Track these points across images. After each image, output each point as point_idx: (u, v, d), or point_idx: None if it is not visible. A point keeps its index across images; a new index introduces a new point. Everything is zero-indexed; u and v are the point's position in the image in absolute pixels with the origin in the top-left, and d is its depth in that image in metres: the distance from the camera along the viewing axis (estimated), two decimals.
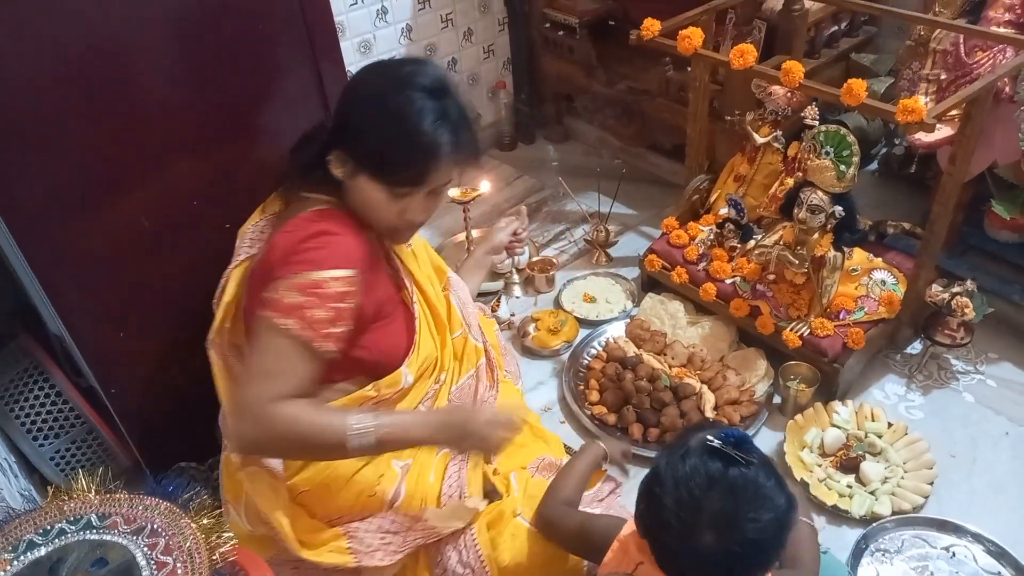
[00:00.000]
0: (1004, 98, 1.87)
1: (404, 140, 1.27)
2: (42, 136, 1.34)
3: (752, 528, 0.98)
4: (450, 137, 1.28)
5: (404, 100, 1.27)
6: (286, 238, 1.29)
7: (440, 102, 1.29)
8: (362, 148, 1.29)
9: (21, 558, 0.83)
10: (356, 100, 1.33)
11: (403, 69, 1.32)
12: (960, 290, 1.91)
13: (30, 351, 1.76)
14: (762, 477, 1.00)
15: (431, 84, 1.29)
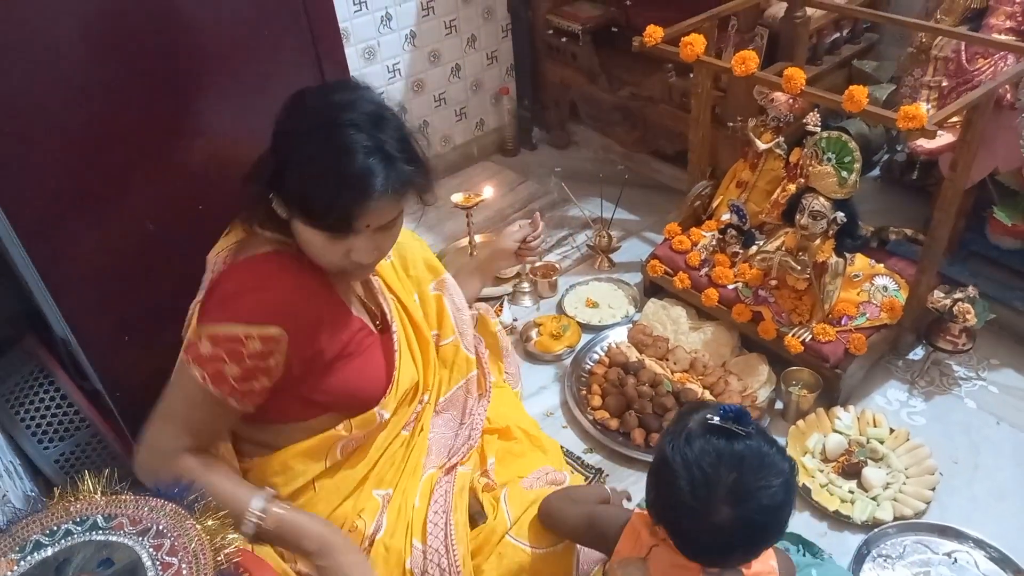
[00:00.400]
0: (1005, 105, 1.88)
1: (330, 181, 1.15)
2: (47, 139, 1.35)
3: (766, 494, 1.02)
4: (385, 172, 1.16)
5: (328, 136, 1.15)
6: (224, 281, 1.25)
7: (372, 134, 1.16)
8: (290, 191, 1.19)
9: (28, 558, 0.83)
10: (280, 138, 1.22)
11: (330, 99, 1.20)
12: (962, 296, 1.91)
13: (35, 354, 1.77)
14: (764, 445, 1.05)
15: (361, 115, 1.17)
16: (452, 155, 3.08)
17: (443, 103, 2.95)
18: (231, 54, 1.49)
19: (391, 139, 1.18)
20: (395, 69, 2.73)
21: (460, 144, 3.10)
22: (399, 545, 1.37)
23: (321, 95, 1.23)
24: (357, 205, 1.16)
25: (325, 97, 1.22)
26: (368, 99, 1.22)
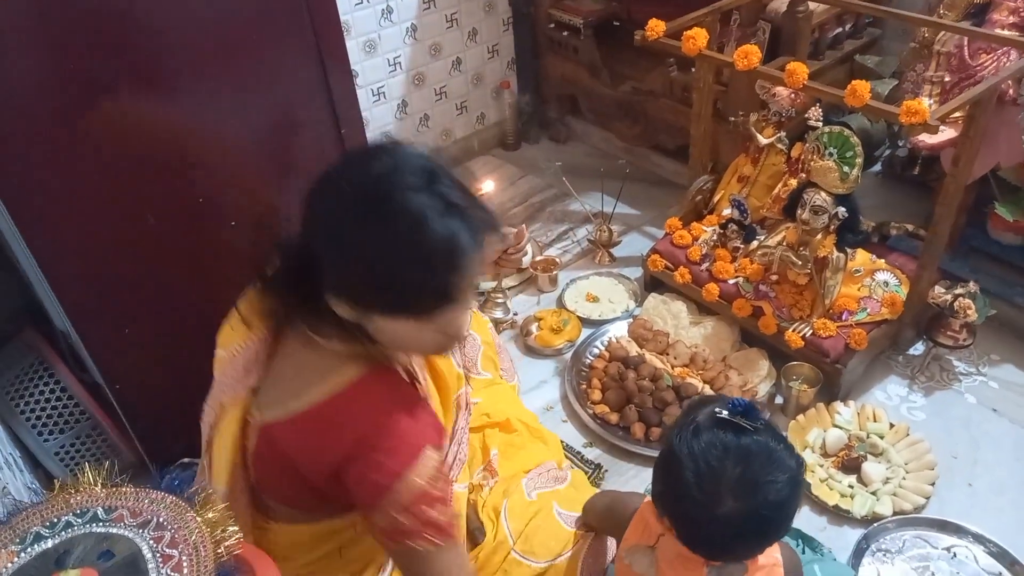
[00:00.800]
0: (1008, 100, 1.87)
1: (412, 259, 0.99)
2: (48, 133, 1.35)
3: (772, 489, 1.02)
4: (465, 227, 1.01)
5: (388, 211, 0.98)
6: (358, 445, 1.07)
7: (433, 191, 1.00)
8: (359, 286, 1.03)
9: (28, 550, 0.83)
10: (322, 230, 1.03)
11: (369, 170, 1.02)
12: (963, 292, 1.91)
13: (36, 347, 1.77)
14: (772, 441, 1.05)
15: (411, 176, 1.00)
16: (452, 149, 3.08)
17: (444, 97, 2.94)
18: (232, 47, 1.49)
19: (451, 189, 1.02)
20: (396, 62, 2.72)
21: (461, 138, 3.09)
22: None
23: (356, 169, 1.05)
24: (451, 273, 1.00)
25: (362, 169, 1.03)
26: (408, 154, 1.05)
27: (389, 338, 1.09)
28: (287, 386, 1.13)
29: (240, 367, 1.18)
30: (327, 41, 1.62)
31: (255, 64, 1.54)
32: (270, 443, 1.15)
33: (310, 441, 1.10)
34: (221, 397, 1.20)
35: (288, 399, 1.11)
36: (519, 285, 2.46)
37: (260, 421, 1.15)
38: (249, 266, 1.16)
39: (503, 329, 2.26)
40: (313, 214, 1.04)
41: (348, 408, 1.09)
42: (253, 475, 1.23)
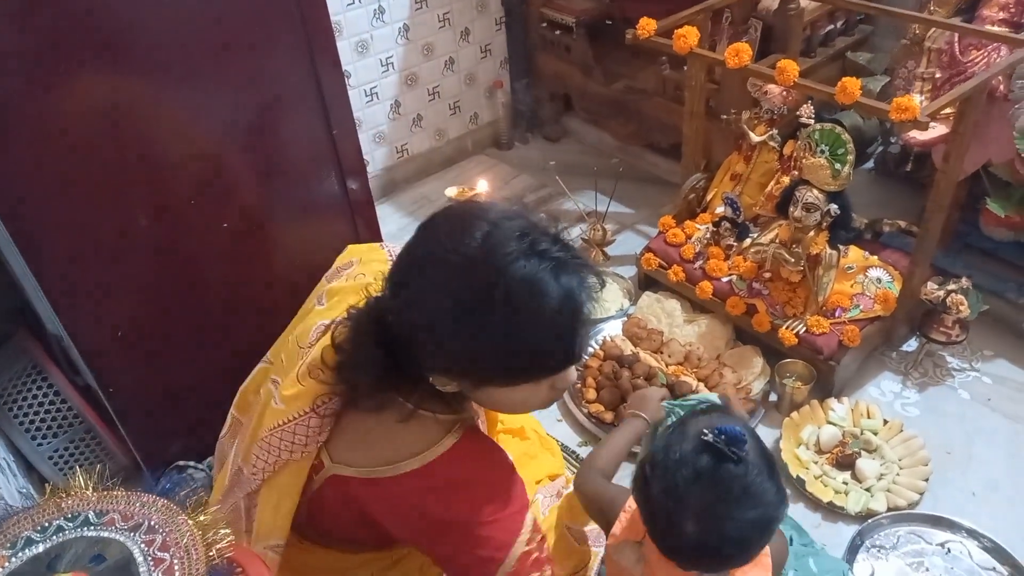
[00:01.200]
0: (998, 96, 1.87)
1: (541, 332, 0.95)
2: (39, 136, 1.34)
3: (733, 526, 0.98)
4: (577, 282, 0.98)
5: (510, 290, 0.93)
6: (461, 515, 1.06)
7: (539, 251, 0.95)
8: (484, 370, 0.99)
9: (19, 555, 0.83)
10: (440, 322, 0.95)
11: (471, 248, 0.94)
12: (955, 288, 1.92)
13: (28, 350, 1.77)
14: (752, 475, 0.99)
15: (517, 240, 0.95)
16: (446, 149, 3.08)
17: (437, 97, 2.94)
18: (223, 48, 1.49)
19: (551, 244, 0.98)
20: (388, 63, 2.72)
21: (454, 138, 3.09)
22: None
23: (453, 249, 0.96)
24: (576, 331, 0.98)
25: (461, 248, 0.95)
26: (502, 218, 0.98)
27: (498, 404, 1.08)
28: (374, 448, 1.09)
29: (315, 428, 1.12)
30: (318, 42, 1.62)
31: (246, 65, 1.54)
32: (344, 493, 1.13)
33: (404, 503, 1.08)
34: (285, 456, 1.14)
35: (375, 462, 1.08)
36: None
37: (332, 471, 1.12)
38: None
39: None
40: (411, 300, 0.97)
41: (449, 476, 1.06)
42: (308, 518, 1.21)
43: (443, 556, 1.13)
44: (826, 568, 1.51)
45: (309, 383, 1.12)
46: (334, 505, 1.17)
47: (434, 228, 1.00)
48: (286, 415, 1.13)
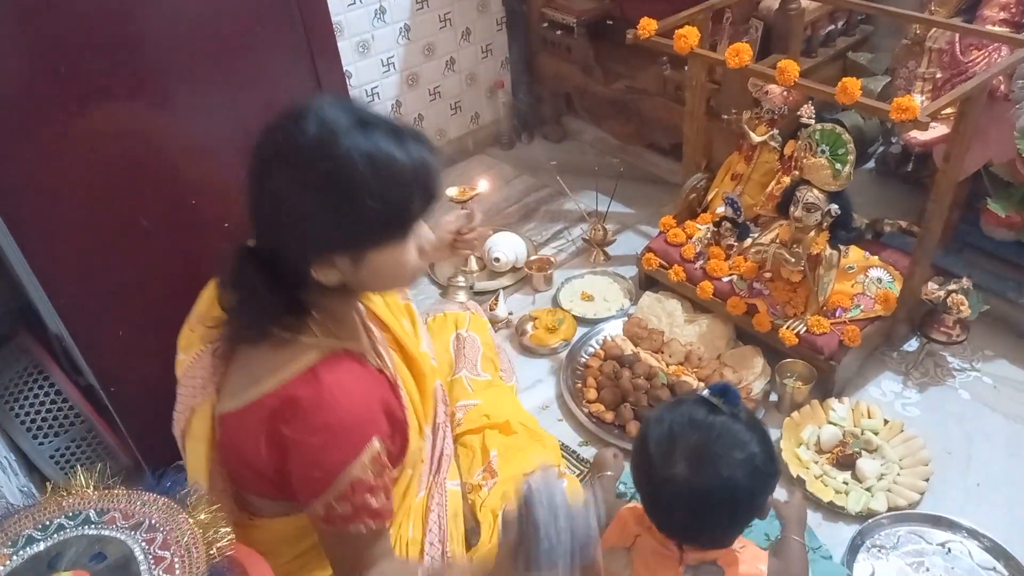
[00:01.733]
0: (999, 96, 1.87)
1: (395, 180, 1.03)
2: (40, 135, 1.35)
3: (723, 464, 1.05)
4: (413, 136, 1.08)
5: (360, 150, 1.01)
6: (300, 436, 1.09)
7: (368, 122, 1.04)
8: (361, 231, 1.06)
9: (20, 553, 0.83)
10: (312, 200, 1.03)
11: (308, 132, 1.02)
12: (956, 288, 1.92)
13: (30, 350, 1.77)
14: (744, 427, 1.09)
15: (350, 117, 1.03)
16: (447, 149, 3.08)
17: (438, 97, 2.95)
18: (224, 49, 1.49)
19: (384, 121, 1.08)
20: (389, 63, 2.72)
21: (455, 138, 3.10)
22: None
23: (295, 131, 1.04)
24: (430, 171, 1.07)
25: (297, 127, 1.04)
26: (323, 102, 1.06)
27: (379, 277, 1.11)
28: (246, 375, 1.14)
29: (208, 366, 1.20)
30: (319, 42, 1.62)
31: (246, 65, 1.54)
32: (230, 433, 1.18)
33: (253, 430, 1.12)
34: (191, 401, 1.23)
35: (246, 388, 1.13)
36: (514, 285, 2.46)
37: (219, 412, 1.18)
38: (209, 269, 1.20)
39: (499, 329, 2.26)
40: (273, 206, 1.05)
41: (297, 396, 1.09)
42: (226, 467, 1.25)
43: (290, 472, 1.13)
44: (824, 573, 1.51)
45: (199, 328, 1.23)
46: (231, 449, 1.20)
47: (269, 139, 1.06)
48: (186, 361, 1.24)
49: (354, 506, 1.10)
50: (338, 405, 1.10)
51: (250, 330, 1.13)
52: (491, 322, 2.19)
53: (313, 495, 1.10)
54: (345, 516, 1.10)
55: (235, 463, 1.22)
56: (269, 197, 1.05)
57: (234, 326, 1.16)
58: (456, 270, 2.45)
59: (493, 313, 2.26)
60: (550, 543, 0.96)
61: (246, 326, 1.13)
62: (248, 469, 1.19)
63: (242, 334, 1.15)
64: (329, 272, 1.08)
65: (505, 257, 2.45)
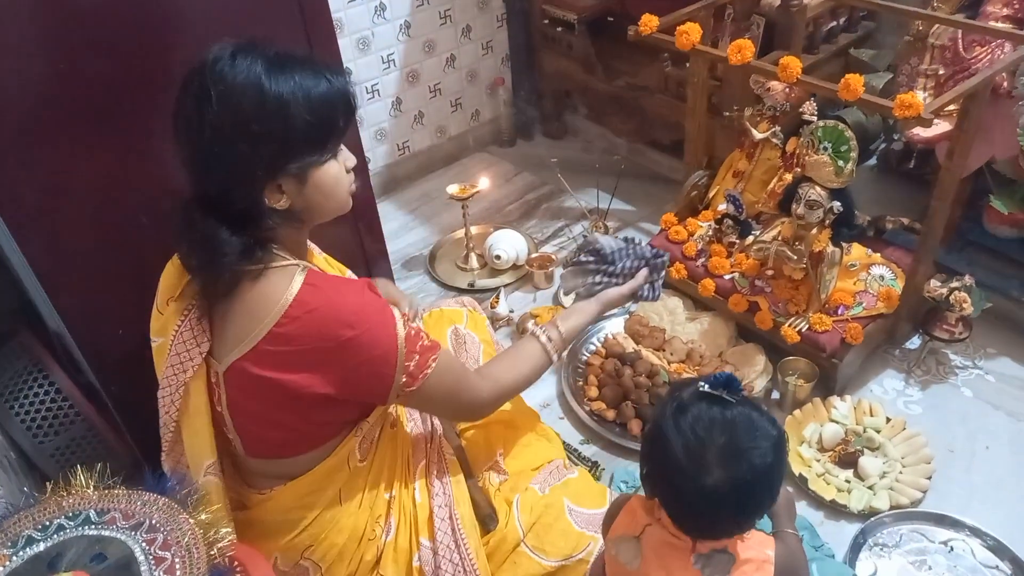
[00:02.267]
0: (1002, 93, 1.87)
1: (321, 101, 1.12)
2: (40, 134, 1.34)
3: (757, 455, 1.06)
4: (325, 65, 1.17)
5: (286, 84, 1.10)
6: (341, 337, 1.15)
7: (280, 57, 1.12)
8: (299, 147, 1.13)
9: (20, 553, 0.83)
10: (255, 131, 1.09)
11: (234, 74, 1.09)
12: (958, 285, 1.91)
13: (30, 348, 1.77)
14: (753, 412, 1.09)
15: (268, 55, 1.11)
16: (448, 146, 3.07)
17: (438, 94, 2.94)
18: None
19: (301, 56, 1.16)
20: (389, 60, 2.71)
21: (455, 135, 3.09)
22: (405, 544, 1.36)
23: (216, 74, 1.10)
24: (344, 92, 1.16)
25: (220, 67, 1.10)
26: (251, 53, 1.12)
27: (319, 196, 1.18)
28: (243, 317, 1.16)
29: (189, 339, 1.22)
30: (319, 39, 1.61)
31: None
32: (243, 381, 1.19)
33: (286, 352, 1.15)
34: (182, 378, 1.23)
35: (248, 328, 1.15)
36: (515, 282, 2.46)
37: (224, 368, 1.19)
38: None
39: (500, 327, 2.26)
40: (213, 138, 1.10)
41: (312, 307, 1.14)
42: (236, 433, 1.26)
43: (347, 379, 1.19)
44: (828, 574, 1.50)
45: (169, 307, 1.25)
46: (252, 404, 1.22)
47: (194, 90, 1.13)
48: (165, 343, 1.23)
49: (419, 354, 1.22)
50: (350, 294, 1.18)
51: (221, 277, 1.16)
52: (492, 320, 2.19)
53: (389, 373, 1.20)
54: (420, 365, 1.22)
55: (255, 412, 1.24)
56: (211, 140, 1.10)
57: (206, 281, 1.19)
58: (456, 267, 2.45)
59: (494, 311, 2.26)
60: (623, 259, 1.30)
61: (217, 275, 1.16)
62: (276, 406, 1.21)
63: (217, 286, 1.17)
64: (279, 197, 1.15)
65: (506, 255, 2.45)
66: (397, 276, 2.36)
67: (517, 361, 1.42)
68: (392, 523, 1.38)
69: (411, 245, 2.67)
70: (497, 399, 1.38)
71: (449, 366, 1.28)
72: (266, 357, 1.16)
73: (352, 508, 1.33)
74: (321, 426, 1.27)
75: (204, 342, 1.21)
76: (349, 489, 1.33)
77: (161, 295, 1.28)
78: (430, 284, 2.49)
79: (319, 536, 1.31)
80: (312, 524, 1.31)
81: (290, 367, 1.16)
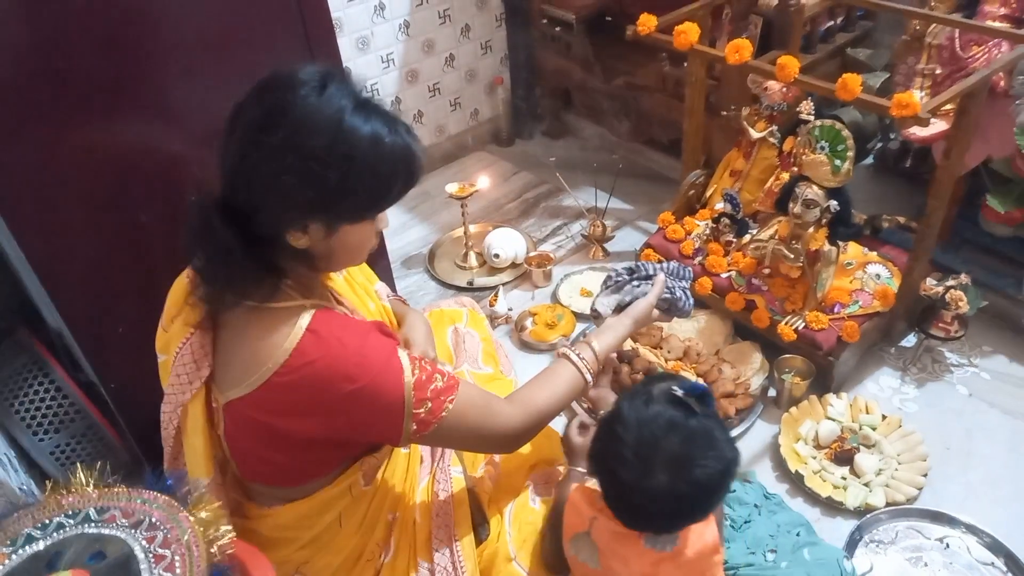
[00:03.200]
0: (999, 92, 1.87)
1: (386, 162, 1.07)
2: (39, 132, 1.34)
3: (701, 472, 1.07)
4: (403, 124, 1.11)
5: (363, 130, 1.05)
6: (342, 390, 1.10)
7: (367, 104, 1.07)
8: (345, 204, 1.08)
9: (19, 552, 0.83)
10: (310, 168, 1.03)
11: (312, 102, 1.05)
12: (954, 283, 1.92)
13: (29, 346, 1.77)
14: (716, 430, 1.10)
15: (351, 96, 1.07)
16: (446, 145, 3.08)
17: (437, 93, 2.94)
18: (222, 45, 1.49)
19: (377, 105, 1.11)
20: (389, 59, 2.72)
21: (454, 134, 3.09)
22: (403, 566, 1.35)
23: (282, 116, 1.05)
24: (411, 159, 1.10)
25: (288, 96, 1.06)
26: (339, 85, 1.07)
27: (343, 250, 1.14)
28: (244, 357, 1.13)
29: (190, 363, 1.19)
30: (318, 38, 1.62)
31: (246, 62, 1.53)
32: (242, 419, 1.17)
33: (288, 398, 1.11)
34: (181, 398, 1.21)
35: (248, 371, 1.11)
36: (514, 281, 2.46)
37: (225, 398, 1.16)
38: None
39: (498, 325, 2.26)
40: (265, 157, 1.05)
41: (311, 360, 1.09)
42: (233, 460, 1.25)
43: (354, 429, 1.16)
44: (820, 557, 1.51)
45: (173, 325, 1.21)
46: (248, 441, 1.20)
47: (264, 100, 1.08)
48: (168, 361, 1.21)
49: (431, 400, 1.15)
50: (353, 342, 1.12)
51: (227, 290, 1.12)
52: (491, 318, 2.19)
53: (396, 423, 1.14)
54: (433, 411, 1.16)
55: (252, 447, 1.22)
56: (264, 159, 1.05)
57: (210, 289, 1.14)
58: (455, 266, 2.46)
59: (493, 309, 2.26)
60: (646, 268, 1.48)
61: (222, 286, 1.12)
62: (271, 446, 1.19)
63: (224, 298, 1.13)
64: (300, 237, 1.10)
65: (504, 253, 2.45)
66: (396, 274, 2.37)
67: (550, 383, 1.34)
68: (392, 545, 1.36)
69: (410, 244, 2.67)
70: (532, 426, 1.29)
71: (470, 403, 1.21)
72: (265, 403, 1.13)
73: (351, 530, 1.31)
74: (316, 465, 1.25)
75: (205, 367, 1.19)
76: (351, 513, 1.31)
77: (166, 313, 1.25)
78: (429, 283, 2.50)
79: (315, 554, 1.30)
80: (309, 543, 1.29)
81: (289, 414, 1.13)
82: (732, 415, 1.90)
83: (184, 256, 1.44)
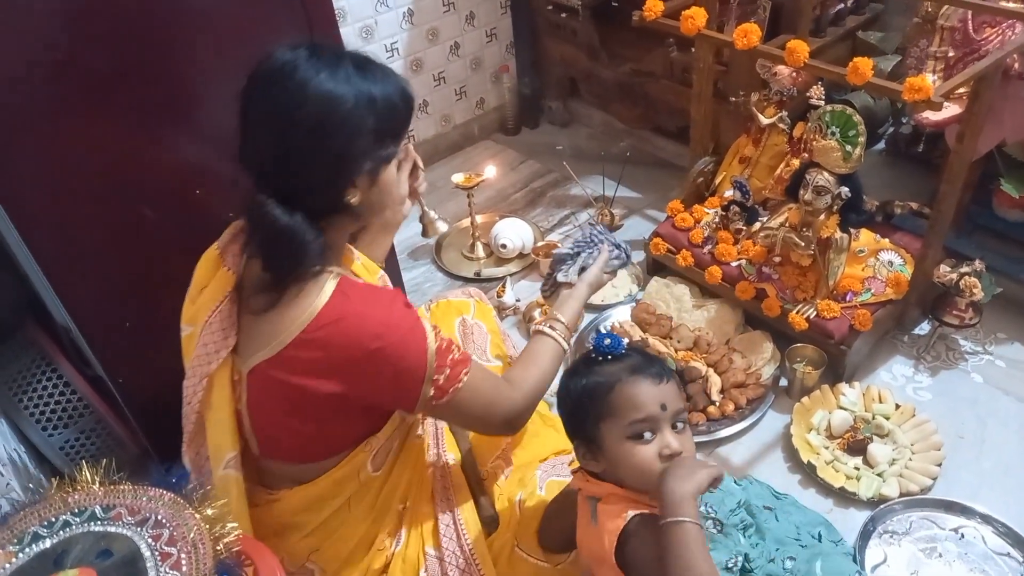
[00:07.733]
0: (1013, 75, 1.84)
1: (399, 98, 1.17)
2: (44, 127, 1.34)
3: None
4: (389, 70, 1.21)
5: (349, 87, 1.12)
6: (368, 348, 1.14)
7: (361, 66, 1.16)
8: (381, 139, 1.16)
9: (26, 550, 0.83)
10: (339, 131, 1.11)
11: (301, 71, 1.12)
12: (968, 270, 1.89)
13: (37, 342, 1.77)
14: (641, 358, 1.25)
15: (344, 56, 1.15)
16: (452, 135, 3.06)
17: (442, 82, 2.92)
18: (224, 36, 1.48)
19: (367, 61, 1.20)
20: (393, 48, 2.70)
21: (460, 123, 3.07)
22: (413, 555, 1.36)
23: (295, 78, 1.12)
24: (408, 88, 1.21)
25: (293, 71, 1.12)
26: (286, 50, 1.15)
27: (385, 193, 1.20)
28: (270, 325, 1.15)
29: (218, 331, 1.22)
30: (321, 28, 1.60)
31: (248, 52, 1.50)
32: (266, 384, 1.18)
33: (312, 358, 1.14)
34: (207, 370, 1.23)
35: (277, 332, 1.14)
36: (521, 271, 2.45)
37: (248, 369, 1.19)
38: None
39: (506, 316, 2.25)
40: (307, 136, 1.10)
41: (340, 317, 1.13)
42: (254, 434, 1.26)
43: (373, 390, 1.19)
44: (832, 571, 1.45)
45: (202, 296, 1.26)
46: (269, 403, 1.22)
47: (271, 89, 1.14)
48: (195, 332, 1.25)
49: (450, 367, 1.20)
50: (380, 305, 1.17)
51: (295, 272, 1.15)
52: (498, 309, 2.18)
53: (416, 386, 1.18)
54: (451, 378, 1.20)
55: (266, 420, 1.24)
56: (303, 141, 1.10)
57: (275, 277, 1.16)
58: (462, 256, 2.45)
59: (500, 299, 2.25)
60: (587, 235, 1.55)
61: (291, 271, 1.14)
62: (281, 420, 1.21)
63: (286, 282, 1.15)
64: (355, 193, 1.16)
65: (511, 243, 2.44)
66: (403, 265, 2.36)
67: (535, 360, 1.38)
68: (402, 534, 1.38)
69: (417, 234, 2.65)
70: (530, 404, 1.34)
71: (483, 379, 1.26)
72: (290, 363, 1.15)
73: (360, 517, 1.33)
74: (335, 437, 1.27)
75: (232, 336, 1.21)
76: (359, 499, 1.32)
77: (195, 284, 1.29)
78: (436, 273, 2.49)
79: (325, 540, 1.31)
80: (318, 528, 1.30)
81: (314, 373, 1.15)
82: (743, 405, 1.88)
83: (188, 249, 1.45)
